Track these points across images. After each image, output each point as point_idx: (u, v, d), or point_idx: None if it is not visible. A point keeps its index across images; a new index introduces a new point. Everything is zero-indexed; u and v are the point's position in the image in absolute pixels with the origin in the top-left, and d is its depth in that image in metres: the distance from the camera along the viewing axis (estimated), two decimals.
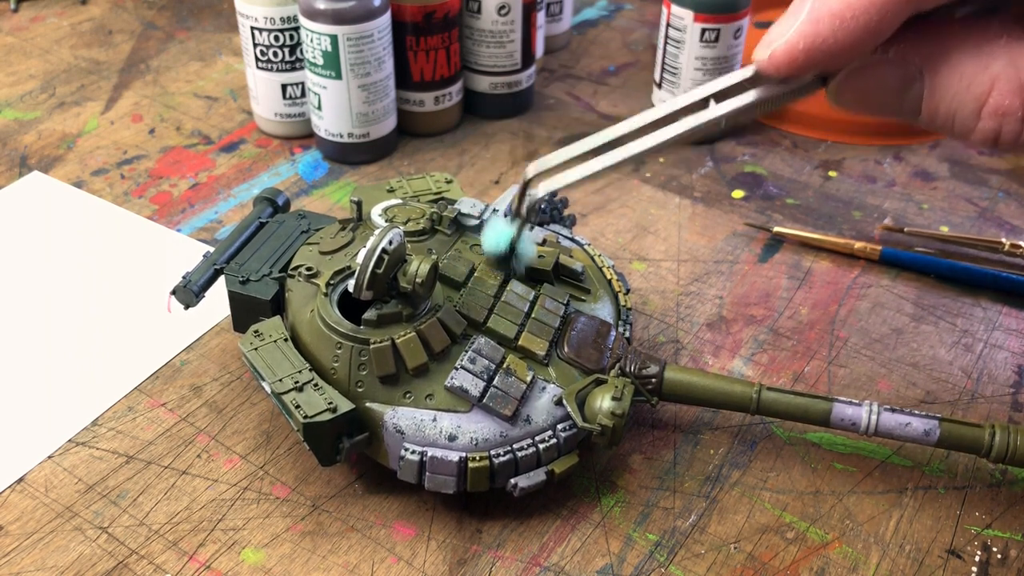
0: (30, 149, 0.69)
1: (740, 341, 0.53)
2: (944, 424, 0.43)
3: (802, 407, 0.44)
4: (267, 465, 0.46)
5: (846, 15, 0.31)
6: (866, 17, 0.31)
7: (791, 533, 0.43)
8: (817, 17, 0.32)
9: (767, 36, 0.33)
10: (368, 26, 0.62)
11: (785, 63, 0.33)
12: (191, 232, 0.61)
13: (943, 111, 0.33)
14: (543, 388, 0.43)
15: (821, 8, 0.32)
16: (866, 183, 0.67)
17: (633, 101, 0.76)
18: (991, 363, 0.52)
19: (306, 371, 0.41)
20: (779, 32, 0.33)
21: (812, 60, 0.32)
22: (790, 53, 0.32)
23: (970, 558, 0.42)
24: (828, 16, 0.31)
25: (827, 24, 0.32)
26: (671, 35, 0.67)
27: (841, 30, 0.31)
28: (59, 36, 0.83)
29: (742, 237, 0.61)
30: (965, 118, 0.32)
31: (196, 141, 0.70)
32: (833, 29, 0.31)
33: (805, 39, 0.32)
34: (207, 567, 0.41)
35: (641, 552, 0.42)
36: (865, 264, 0.59)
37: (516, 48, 0.70)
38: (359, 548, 0.42)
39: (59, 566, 0.41)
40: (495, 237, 0.44)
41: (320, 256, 0.47)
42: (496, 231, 0.44)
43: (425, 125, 0.70)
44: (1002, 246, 0.59)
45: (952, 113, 0.32)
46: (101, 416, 0.48)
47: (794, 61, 0.32)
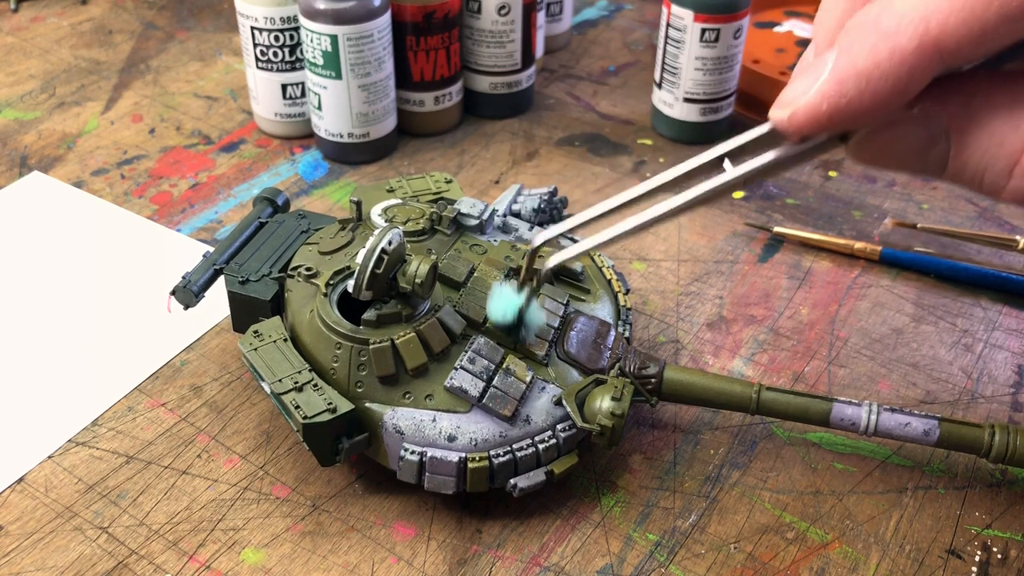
0: (30, 149, 0.69)
1: (740, 341, 0.53)
2: (944, 424, 0.43)
3: (802, 407, 0.44)
4: (267, 465, 0.46)
5: (873, 75, 0.29)
6: (895, 77, 0.29)
7: (791, 533, 0.43)
8: (842, 77, 0.30)
9: (785, 95, 0.32)
10: (368, 26, 0.62)
11: (807, 124, 0.31)
12: (191, 232, 0.61)
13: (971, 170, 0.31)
14: (542, 388, 0.43)
15: (846, 67, 0.30)
16: (866, 183, 0.67)
17: (633, 101, 0.76)
18: (991, 363, 0.52)
19: (306, 371, 0.41)
20: (799, 91, 0.31)
21: (835, 121, 0.30)
22: (812, 114, 0.30)
23: (970, 558, 0.42)
24: (854, 76, 0.29)
25: (853, 85, 0.29)
26: (671, 35, 0.67)
27: (868, 91, 0.29)
28: (59, 36, 0.83)
29: (742, 237, 0.61)
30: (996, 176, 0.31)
31: (196, 141, 0.70)
32: (859, 90, 0.29)
33: (828, 100, 0.30)
34: (207, 567, 0.41)
35: (641, 552, 0.42)
36: (865, 264, 0.59)
37: (516, 48, 0.70)
38: (359, 548, 0.42)
39: (59, 566, 0.41)
40: (502, 306, 0.42)
41: (320, 256, 0.47)
42: (503, 300, 0.42)
43: (425, 125, 0.70)
44: (1016, 243, 0.59)
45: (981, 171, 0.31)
46: (101, 416, 0.48)
47: (817, 122, 0.31)
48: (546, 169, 0.68)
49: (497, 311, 0.42)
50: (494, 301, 0.43)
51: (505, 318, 0.42)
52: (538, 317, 0.43)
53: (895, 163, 0.33)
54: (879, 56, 0.29)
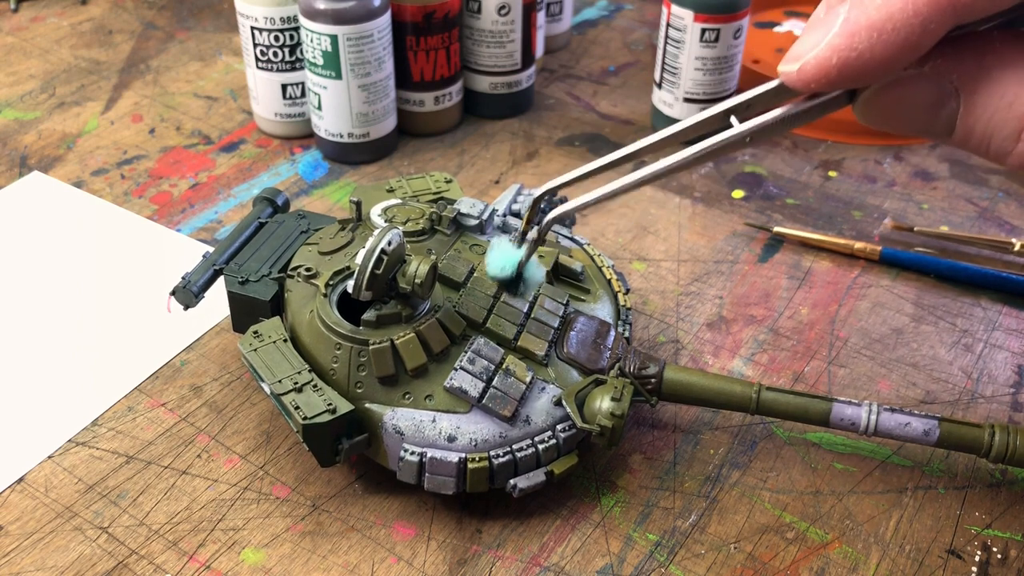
0: (30, 149, 0.69)
1: (740, 341, 0.53)
2: (944, 424, 0.43)
3: (802, 407, 0.44)
4: (267, 465, 0.46)
5: (886, 27, 0.29)
6: (907, 30, 0.28)
7: (791, 533, 0.43)
8: (853, 30, 0.29)
9: (795, 49, 0.31)
10: (368, 26, 0.62)
11: (816, 78, 0.30)
12: (191, 232, 0.61)
13: (979, 131, 0.30)
14: (542, 388, 0.43)
15: (858, 19, 0.29)
16: (866, 183, 0.67)
17: (633, 101, 0.76)
18: (991, 363, 0.52)
19: (305, 372, 0.41)
20: (809, 44, 0.30)
21: (845, 76, 0.30)
22: (822, 68, 0.30)
23: (970, 558, 0.42)
24: (866, 28, 0.29)
25: (864, 37, 0.29)
26: (671, 35, 0.67)
27: (879, 44, 0.29)
28: (59, 36, 0.83)
29: (742, 237, 0.61)
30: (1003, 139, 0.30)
31: (196, 141, 0.70)
32: (871, 43, 0.29)
33: (839, 53, 0.29)
34: (207, 567, 0.41)
35: (641, 552, 0.42)
36: (865, 264, 0.59)
37: (516, 48, 0.70)
38: (359, 548, 0.42)
39: (59, 566, 0.41)
40: (500, 260, 0.42)
41: (319, 256, 0.47)
42: (502, 254, 0.42)
43: (425, 125, 0.70)
44: (1012, 246, 0.59)
45: (989, 134, 0.30)
46: (101, 416, 0.48)
47: (826, 76, 0.30)
48: (546, 169, 0.68)
49: (495, 265, 0.42)
50: (493, 254, 0.42)
51: (504, 272, 0.42)
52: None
53: (903, 123, 0.32)
54: (892, 8, 0.29)
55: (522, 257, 0.41)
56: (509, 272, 0.41)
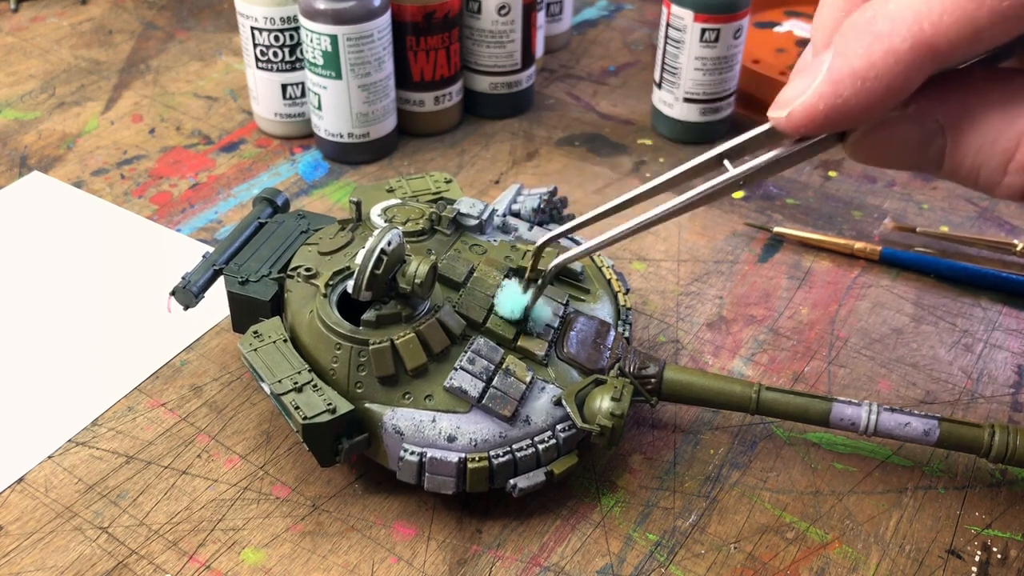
0: (30, 149, 0.69)
1: (740, 341, 0.53)
2: (943, 424, 0.43)
3: (801, 407, 0.44)
4: (267, 465, 0.46)
5: (868, 75, 0.30)
6: (889, 77, 0.30)
7: (791, 533, 0.43)
8: (837, 78, 0.30)
9: (783, 95, 0.32)
10: (368, 26, 0.62)
11: (804, 124, 0.32)
12: (191, 232, 0.61)
13: (967, 166, 0.32)
14: (542, 388, 0.43)
15: (841, 68, 0.30)
16: (866, 183, 0.67)
17: (633, 101, 0.76)
18: (991, 363, 0.52)
19: (305, 372, 0.41)
20: (796, 91, 0.32)
21: (832, 121, 0.31)
22: (809, 114, 0.31)
23: (970, 558, 0.42)
24: (849, 76, 0.30)
25: (848, 85, 0.30)
26: (671, 35, 0.67)
27: (863, 91, 0.30)
28: (59, 36, 0.83)
29: (742, 237, 0.61)
30: (991, 173, 0.31)
31: (196, 141, 0.70)
32: (855, 90, 0.30)
33: (825, 100, 0.31)
34: (207, 567, 0.41)
35: (641, 552, 0.42)
36: (865, 264, 0.59)
37: (516, 48, 0.70)
38: (359, 548, 0.42)
39: (59, 566, 0.41)
40: (510, 304, 0.44)
41: (319, 256, 0.47)
42: (511, 298, 0.44)
43: (425, 125, 0.70)
44: (1014, 247, 0.59)
45: (976, 168, 0.31)
46: (101, 416, 0.48)
47: (813, 122, 0.31)
48: (546, 169, 0.68)
49: (505, 308, 0.45)
50: (502, 298, 0.45)
51: (513, 315, 0.44)
52: (544, 313, 0.45)
53: (892, 161, 0.33)
54: (874, 57, 0.30)
55: (528, 303, 0.44)
56: (518, 315, 0.44)
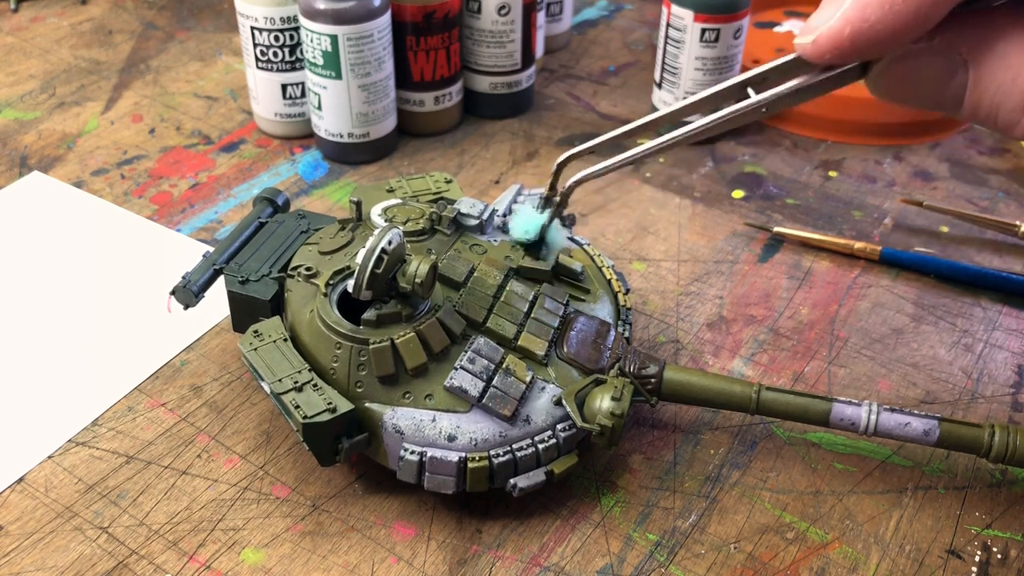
0: (30, 149, 0.69)
1: (740, 341, 0.53)
2: (943, 424, 0.43)
3: (801, 407, 0.44)
4: (267, 465, 0.46)
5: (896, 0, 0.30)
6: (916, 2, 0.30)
7: (791, 533, 0.43)
8: (864, 2, 0.30)
9: (810, 21, 0.32)
10: (368, 26, 0.62)
11: (829, 50, 0.32)
12: (191, 232, 0.61)
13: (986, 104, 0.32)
14: (542, 388, 0.43)
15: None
16: (866, 183, 0.67)
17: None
18: (991, 363, 0.52)
19: (305, 371, 0.41)
20: (823, 17, 0.32)
21: (857, 47, 0.31)
22: (835, 39, 0.31)
23: (970, 558, 0.42)
24: (876, 1, 0.30)
25: (875, 10, 0.30)
26: (671, 35, 0.67)
27: (890, 15, 0.30)
28: (59, 36, 0.83)
29: (742, 237, 0.61)
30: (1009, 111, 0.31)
31: (196, 141, 0.70)
32: (881, 15, 0.30)
33: (851, 25, 0.31)
34: (207, 567, 0.41)
35: (641, 552, 0.42)
36: (865, 264, 0.59)
37: (516, 48, 0.70)
38: (359, 548, 0.42)
39: (59, 566, 0.41)
40: (524, 223, 0.42)
41: (319, 256, 0.47)
42: (526, 217, 0.42)
43: (425, 125, 0.70)
44: (1017, 228, 0.59)
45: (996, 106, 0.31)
46: (101, 416, 0.48)
47: (839, 48, 0.31)
48: (546, 169, 0.68)
49: (519, 228, 0.43)
50: (516, 218, 0.43)
51: (527, 235, 0.43)
52: (559, 237, 0.43)
53: (913, 95, 0.33)
54: None
55: (545, 221, 0.42)
56: (532, 235, 0.42)
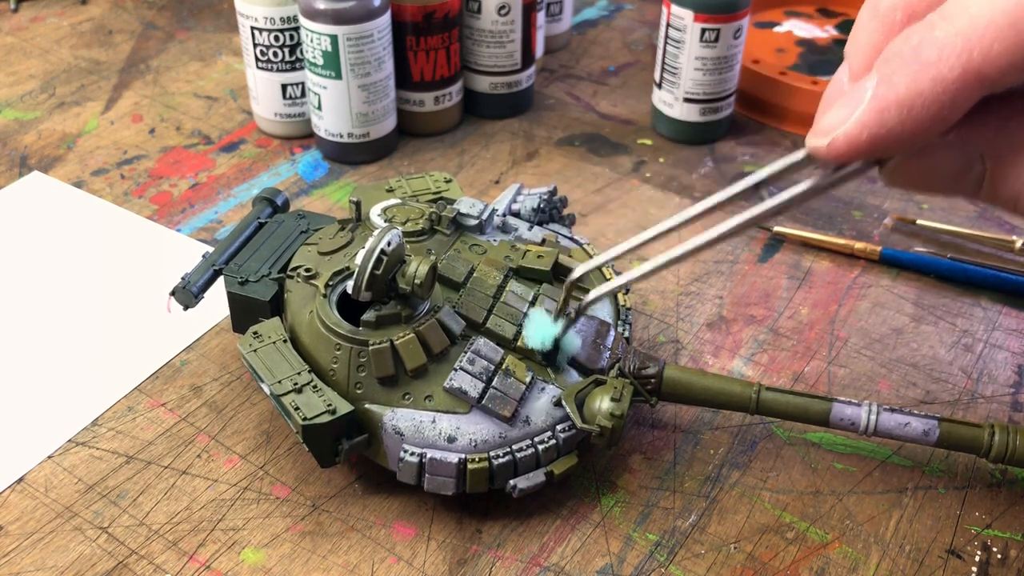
0: (30, 149, 0.69)
1: (740, 341, 0.53)
2: (943, 424, 0.43)
3: (801, 407, 0.44)
4: (267, 465, 0.46)
5: (915, 104, 0.29)
6: (937, 106, 0.29)
7: (791, 533, 0.43)
8: (883, 106, 0.29)
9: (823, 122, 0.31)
10: (368, 26, 0.62)
11: (846, 153, 0.31)
12: (191, 232, 0.61)
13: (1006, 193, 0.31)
14: (542, 389, 0.43)
15: (887, 96, 0.29)
16: (866, 183, 0.67)
17: (633, 101, 0.76)
18: (991, 363, 0.52)
19: (305, 372, 0.41)
20: (838, 119, 0.31)
21: (875, 150, 0.30)
22: (852, 143, 0.30)
23: (970, 558, 0.42)
24: (896, 105, 0.29)
25: (894, 114, 0.29)
26: (671, 35, 0.67)
27: (909, 120, 0.29)
28: (59, 36, 0.83)
29: (742, 237, 0.61)
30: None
31: (196, 141, 0.70)
32: (901, 119, 0.29)
33: (869, 129, 0.30)
34: (207, 567, 0.41)
35: (641, 552, 0.42)
36: (865, 264, 0.59)
37: (516, 48, 0.70)
38: (359, 548, 0.42)
39: (59, 566, 0.41)
40: (539, 334, 0.44)
41: (319, 257, 0.47)
42: (540, 327, 0.44)
43: (425, 125, 0.70)
44: (1013, 244, 0.59)
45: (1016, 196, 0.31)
46: (101, 416, 0.48)
47: (856, 151, 0.31)
48: (546, 169, 0.68)
49: (535, 339, 0.44)
50: (531, 328, 0.44)
51: (543, 346, 0.44)
52: (573, 344, 0.44)
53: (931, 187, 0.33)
54: (921, 85, 0.29)
55: (558, 333, 0.44)
56: (548, 346, 0.44)
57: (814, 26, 0.82)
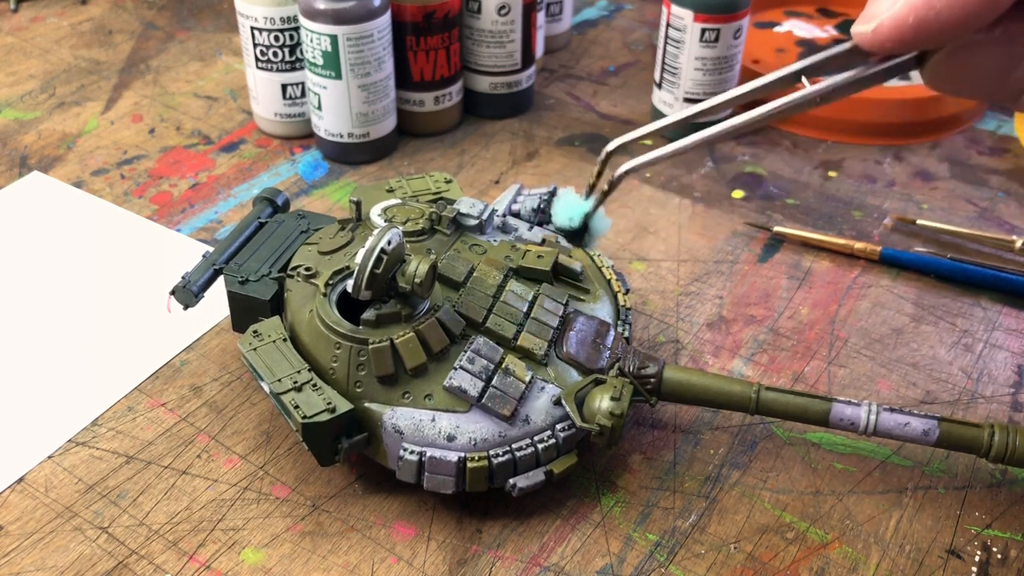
0: (30, 149, 0.69)
1: (740, 341, 0.53)
2: (943, 424, 0.43)
3: (801, 407, 0.44)
4: (267, 465, 0.46)
5: None
6: None
7: (791, 533, 0.43)
8: None
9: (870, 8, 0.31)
10: (368, 26, 0.62)
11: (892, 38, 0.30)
12: (191, 232, 0.61)
13: None
14: (542, 388, 0.43)
15: None
16: (866, 183, 0.67)
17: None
18: (991, 363, 0.52)
19: (305, 371, 0.41)
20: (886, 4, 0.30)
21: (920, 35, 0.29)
22: (898, 27, 0.30)
23: (970, 558, 0.42)
24: None
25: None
26: (671, 35, 0.67)
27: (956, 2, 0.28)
28: (59, 36, 0.83)
29: (742, 237, 0.61)
30: None
31: (196, 141, 0.70)
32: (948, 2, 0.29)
33: (916, 12, 0.29)
34: (207, 567, 0.41)
35: (641, 552, 0.42)
36: (865, 264, 0.59)
37: (516, 48, 0.70)
38: (359, 548, 0.42)
39: (59, 566, 0.41)
40: (567, 210, 0.41)
41: (319, 256, 0.47)
42: (569, 204, 0.41)
43: (425, 125, 0.70)
44: (1013, 243, 0.59)
45: None
46: (101, 416, 0.48)
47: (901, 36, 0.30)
48: (546, 169, 0.68)
49: (563, 215, 0.42)
50: (560, 205, 0.42)
51: (571, 223, 0.42)
52: (603, 224, 0.42)
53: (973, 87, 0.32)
54: None
55: (588, 208, 0.41)
56: (577, 222, 0.41)
57: (814, 26, 0.82)
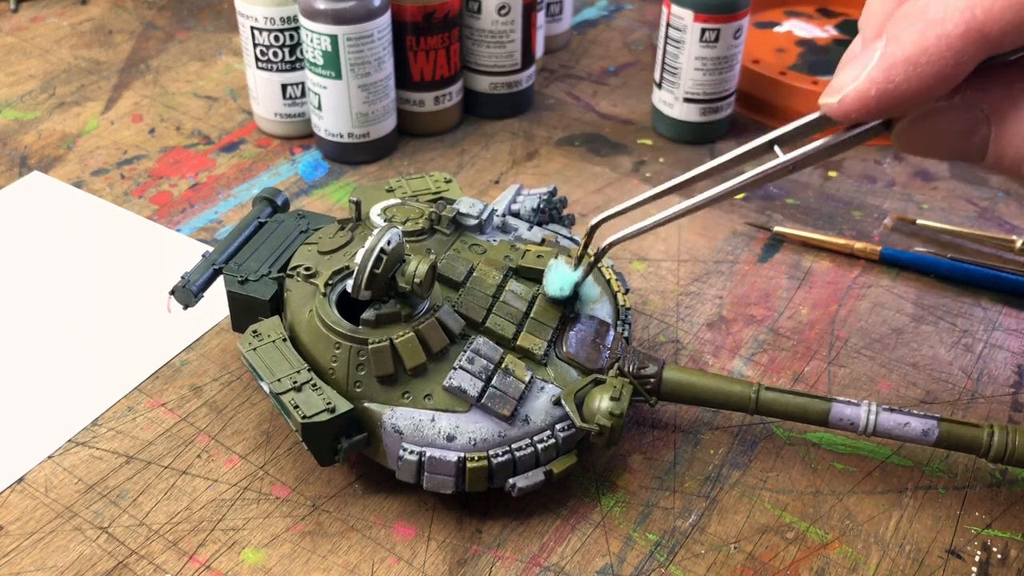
0: (30, 149, 0.69)
1: (740, 341, 0.53)
2: (943, 424, 0.43)
3: (801, 407, 0.44)
4: (267, 465, 0.46)
5: (920, 61, 0.30)
6: (941, 63, 0.30)
7: (791, 533, 0.43)
8: (890, 64, 0.31)
9: (835, 81, 0.33)
10: (368, 26, 0.62)
11: (856, 109, 0.32)
12: (191, 232, 0.61)
13: (1010, 156, 0.32)
14: (541, 388, 0.43)
15: (894, 54, 0.31)
16: (866, 183, 0.67)
17: (633, 101, 0.76)
18: (991, 363, 0.52)
19: (305, 371, 0.41)
20: (849, 78, 0.32)
21: (883, 106, 0.32)
22: (861, 100, 0.32)
23: (970, 558, 0.42)
24: (902, 62, 0.31)
25: (900, 70, 0.31)
26: (671, 35, 0.67)
27: (915, 76, 0.31)
28: (59, 36, 0.83)
29: (742, 237, 0.61)
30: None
31: (196, 141, 0.70)
32: (907, 75, 0.31)
33: (877, 86, 0.31)
34: (207, 567, 0.41)
35: (641, 552, 0.42)
36: (865, 264, 0.59)
37: (516, 48, 0.70)
38: (359, 548, 0.42)
39: (59, 566, 0.41)
40: (559, 280, 0.44)
41: (319, 256, 0.47)
42: (560, 275, 0.44)
43: (425, 125, 0.70)
44: (1013, 244, 0.59)
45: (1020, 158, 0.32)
46: (101, 416, 0.48)
47: (865, 107, 0.32)
48: (546, 169, 0.68)
49: (554, 286, 0.44)
50: (551, 276, 0.45)
51: (562, 292, 0.44)
52: (592, 292, 0.45)
53: (937, 149, 0.34)
54: (927, 42, 0.30)
55: (578, 279, 0.44)
56: (568, 291, 0.44)
57: (814, 26, 0.82)
